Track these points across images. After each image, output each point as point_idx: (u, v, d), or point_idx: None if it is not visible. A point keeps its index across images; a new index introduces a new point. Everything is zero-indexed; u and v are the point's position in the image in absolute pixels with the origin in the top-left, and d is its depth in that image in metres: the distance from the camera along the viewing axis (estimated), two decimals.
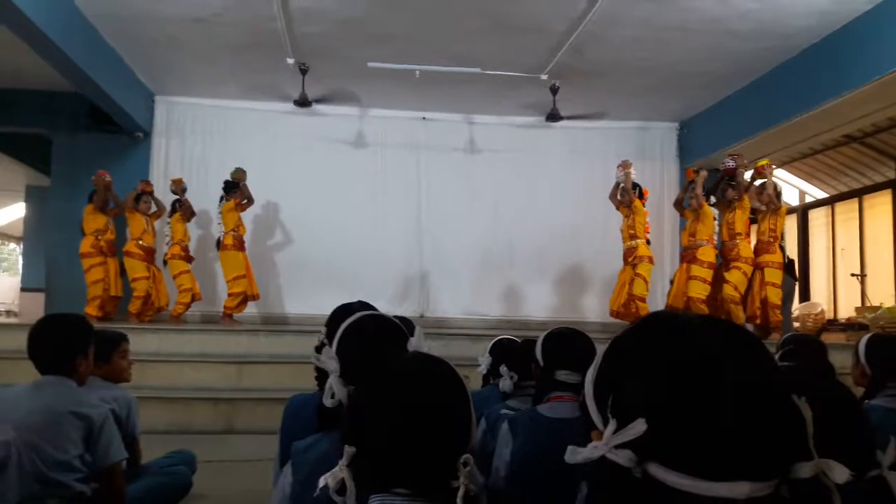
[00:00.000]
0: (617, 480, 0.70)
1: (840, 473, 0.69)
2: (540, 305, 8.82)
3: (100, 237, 7.29)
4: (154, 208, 7.65)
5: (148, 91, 8.41)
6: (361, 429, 1.04)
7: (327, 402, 1.49)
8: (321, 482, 1.01)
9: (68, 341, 2.46)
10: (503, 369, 2.68)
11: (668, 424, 0.68)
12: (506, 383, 2.66)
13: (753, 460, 0.66)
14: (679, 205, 7.51)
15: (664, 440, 0.68)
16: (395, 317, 2.19)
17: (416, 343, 1.46)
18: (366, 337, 1.56)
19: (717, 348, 0.70)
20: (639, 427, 0.68)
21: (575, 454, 0.73)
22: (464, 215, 8.76)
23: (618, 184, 7.43)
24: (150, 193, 7.62)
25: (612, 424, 0.71)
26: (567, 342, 2.13)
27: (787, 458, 0.67)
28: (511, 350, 2.87)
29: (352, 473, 1.01)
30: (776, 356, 2.81)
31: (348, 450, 1.02)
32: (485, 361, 3.06)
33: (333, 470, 1.02)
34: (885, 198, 9.07)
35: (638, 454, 0.69)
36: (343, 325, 1.60)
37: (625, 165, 7.34)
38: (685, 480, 0.66)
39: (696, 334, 0.72)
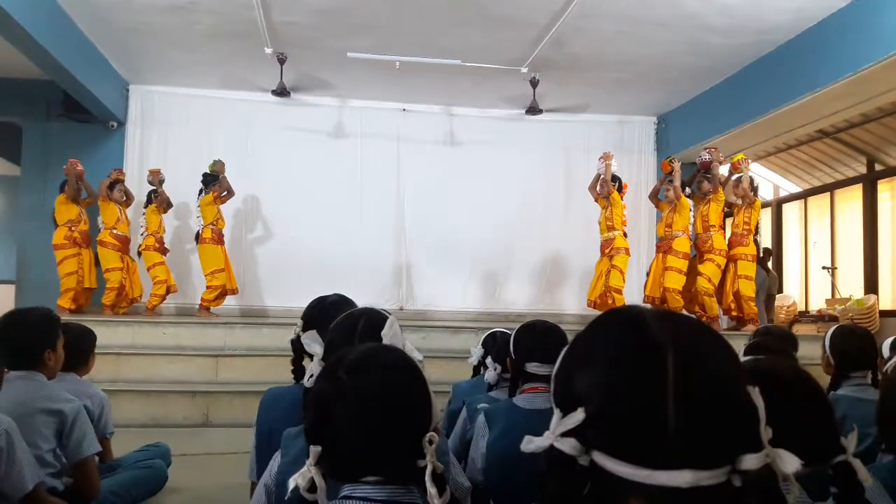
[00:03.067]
0: (563, 468, 0.71)
1: (790, 463, 0.69)
2: (519, 297, 8.86)
3: (73, 228, 7.16)
4: (124, 197, 7.52)
5: (122, 80, 8.26)
6: (323, 425, 1.06)
7: (306, 382, 1.55)
8: (291, 483, 1.02)
9: (37, 335, 2.42)
10: (488, 361, 2.75)
11: (605, 412, 0.69)
12: (490, 374, 2.73)
13: (695, 450, 0.66)
14: (654, 196, 7.58)
15: (603, 428, 0.69)
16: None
17: (388, 333, 1.48)
18: (356, 328, 1.57)
19: (660, 338, 0.70)
20: (577, 416, 0.70)
21: (529, 443, 0.74)
22: (443, 207, 8.74)
23: (598, 175, 7.48)
24: (123, 182, 7.50)
25: (558, 414, 0.73)
26: (536, 335, 2.15)
27: (734, 448, 0.67)
28: (499, 343, 2.92)
29: (320, 471, 1.02)
30: (745, 347, 2.86)
31: (314, 449, 1.03)
32: (476, 353, 3.13)
33: (301, 470, 1.02)
34: (855, 192, 9.23)
35: (582, 443, 0.70)
36: (342, 315, 1.64)
37: (606, 157, 7.39)
38: (625, 468, 0.67)
39: (643, 326, 0.72)
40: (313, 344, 1.56)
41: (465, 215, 8.74)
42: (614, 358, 0.71)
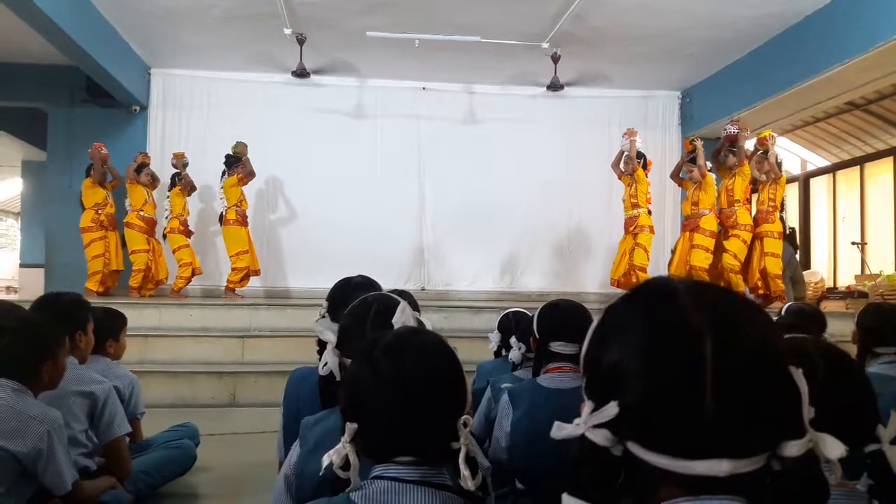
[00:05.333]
0: (597, 458, 0.68)
1: (834, 449, 0.66)
2: (541, 277, 8.82)
3: (100, 211, 7.25)
4: (151, 180, 7.59)
5: (143, 64, 8.31)
6: (360, 405, 1.06)
7: (320, 370, 1.53)
8: (325, 460, 1.02)
9: (66, 319, 2.45)
10: (513, 340, 2.74)
11: (640, 405, 0.66)
12: (515, 354, 2.73)
13: (734, 439, 0.63)
14: (676, 176, 7.46)
15: (638, 421, 0.66)
16: (395, 290, 2.17)
17: (400, 319, 1.47)
18: (368, 314, 1.56)
19: (697, 323, 0.65)
20: (610, 410, 0.67)
21: (560, 430, 0.71)
22: (465, 186, 8.69)
23: (621, 152, 7.37)
24: (149, 165, 7.58)
25: (590, 404, 0.70)
26: (560, 314, 2.14)
27: (775, 435, 0.65)
28: (521, 322, 2.94)
29: (355, 448, 1.02)
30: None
31: (350, 426, 1.03)
32: (494, 339, 3.13)
33: (336, 447, 1.03)
34: (886, 165, 9.02)
35: (615, 433, 0.67)
36: (355, 301, 1.62)
37: (630, 133, 7.28)
38: (662, 459, 0.65)
39: (681, 303, 0.68)
40: (326, 332, 1.55)
41: (486, 194, 8.69)
42: (648, 346, 0.67)
